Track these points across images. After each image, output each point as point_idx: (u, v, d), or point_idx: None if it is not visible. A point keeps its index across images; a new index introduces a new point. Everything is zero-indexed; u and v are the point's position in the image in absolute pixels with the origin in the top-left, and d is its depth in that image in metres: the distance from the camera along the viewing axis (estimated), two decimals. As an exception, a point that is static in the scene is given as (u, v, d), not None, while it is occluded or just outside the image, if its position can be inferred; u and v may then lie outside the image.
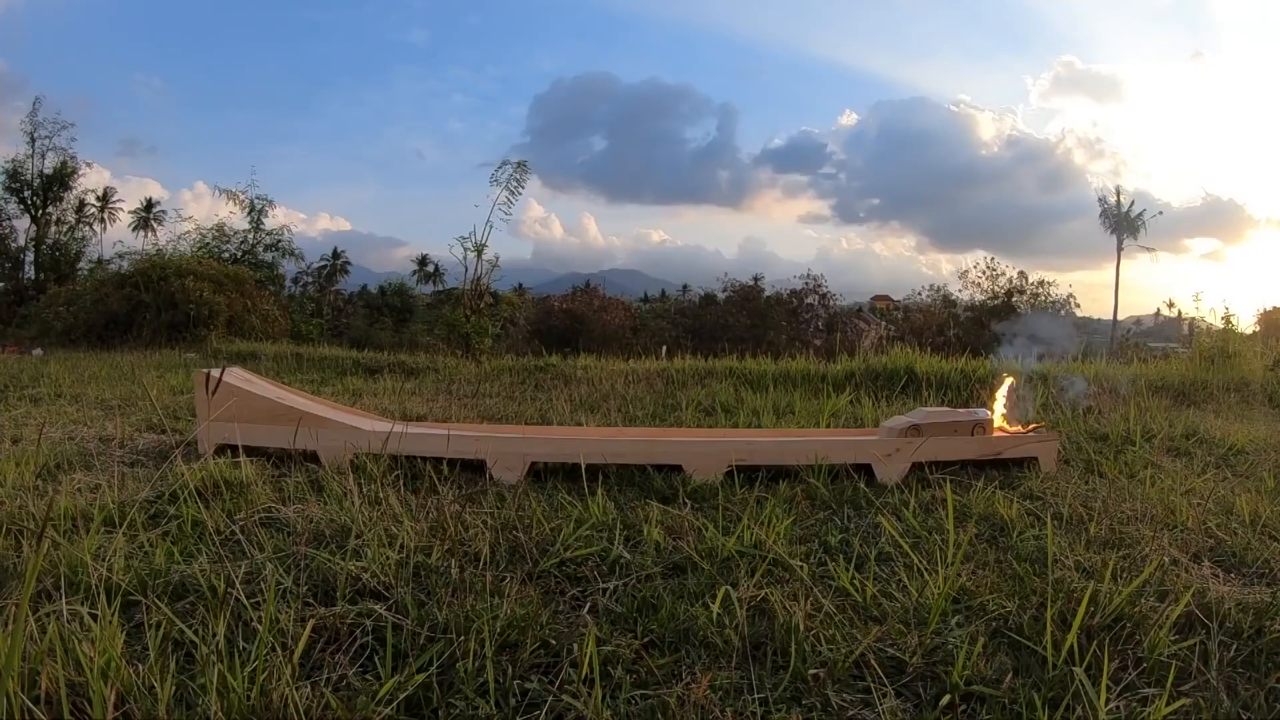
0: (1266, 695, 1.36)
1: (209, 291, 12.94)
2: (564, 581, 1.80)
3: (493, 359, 9.05)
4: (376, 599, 1.62)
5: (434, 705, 1.27)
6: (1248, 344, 8.00)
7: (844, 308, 27.28)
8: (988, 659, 1.44)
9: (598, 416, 4.44)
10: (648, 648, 1.47)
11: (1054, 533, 2.13)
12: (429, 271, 51.60)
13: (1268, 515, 2.39)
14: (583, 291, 27.95)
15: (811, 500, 2.56)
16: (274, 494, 2.40)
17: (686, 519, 2.22)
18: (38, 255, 24.92)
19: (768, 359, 7.42)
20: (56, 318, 13.53)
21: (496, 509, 2.28)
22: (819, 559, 1.97)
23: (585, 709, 1.25)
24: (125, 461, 3.00)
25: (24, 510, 2.15)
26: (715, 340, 18.89)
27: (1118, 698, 1.33)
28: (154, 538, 1.93)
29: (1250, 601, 1.72)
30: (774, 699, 1.31)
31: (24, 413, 4.24)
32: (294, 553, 1.84)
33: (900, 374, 6.05)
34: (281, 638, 1.39)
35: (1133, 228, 36.98)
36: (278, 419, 2.99)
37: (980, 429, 3.09)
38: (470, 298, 11.02)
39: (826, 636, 1.51)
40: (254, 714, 1.20)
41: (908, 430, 2.98)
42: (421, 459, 2.76)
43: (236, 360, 8.19)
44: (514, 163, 11.54)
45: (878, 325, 25.03)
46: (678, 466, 2.82)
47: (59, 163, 25.00)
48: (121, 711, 1.19)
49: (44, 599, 1.53)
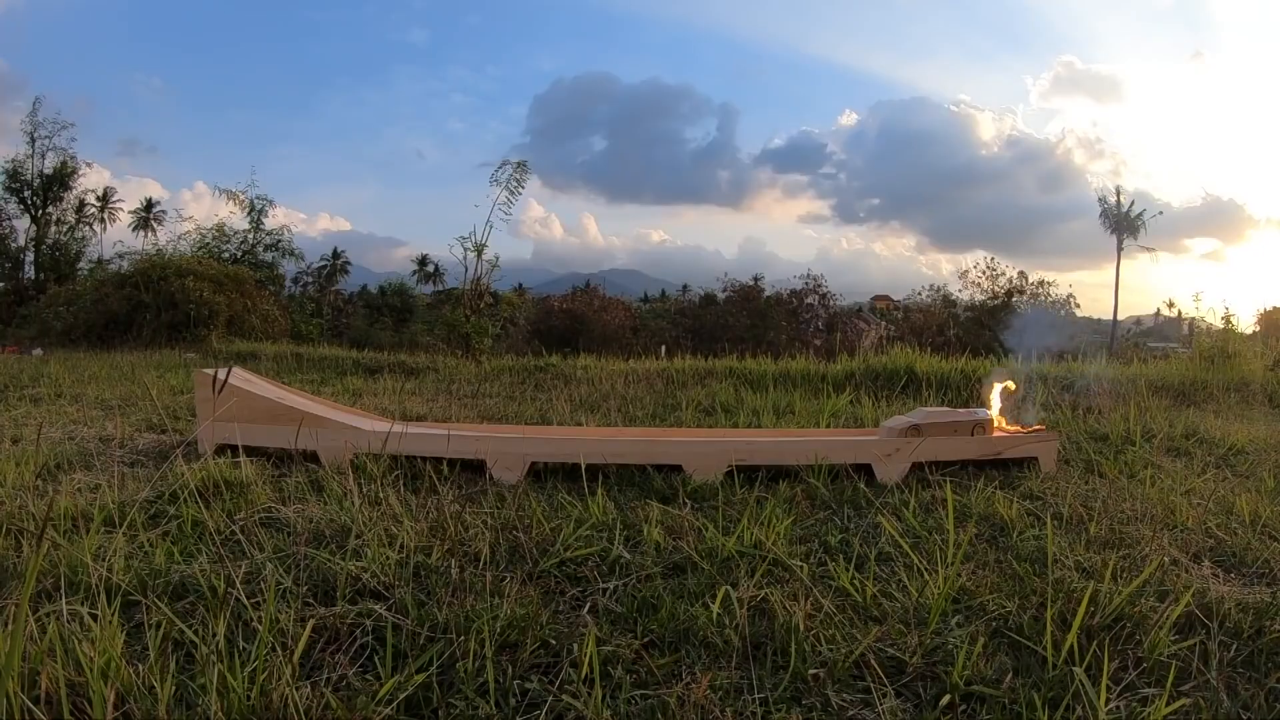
0: (1266, 695, 1.36)
1: (209, 291, 12.94)
2: (564, 581, 1.80)
3: (493, 359, 9.05)
4: (376, 599, 1.62)
5: (434, 705, 1.26)
6: (1248, 344, 8.00)
7: (844, 308, 27.28)
8: (988, 659, 1.44)
9: (598, 416, 4.44)
10: (648, 648, 1.47)
11: (1054, 533, 2.13)
12: (429, 271, 51.63)
13: (1268, 515, 2.39)
14: (583, 291, 27.96)
15: (811, 500, 2.56)
16: (274, 494, 2.40)
17: (686, 519, 2.22)
18: (38, 255, 24.93)
19: (768, 359, 7.42)
20: (56, 318, 13.54)
21: (496, 509, 2.28)
22: (819, 559, 1.97)
23: (585, 709, 1.25)
24: (125, 461, 3.00)
25: (24, 510, 2.15)
26: (715, 340, 18.90)
27: (1118, 698, 1.33)
28: (154, 538, 1.93)
29: (1250, 601, 1.72)
30: (774, 699, 1.31)
31: (24, 413, 4.24)
32: (294, 553, 1.83)
33: (900, 374, 6.05)
34: (281, 638, 1.39)
35: (1133, 228, 36.97)
36: (278, 419, 2.99)
37: (980, 429, 3.09)
38: (470, 298, 11.03)
39: (826, 636, 1.51)
40: (254, 714, 1.20)
41: (908, 430, 2.98)
42: (421, 459, 2.76)
43: (236, 360, 8.20)
44: (514, 163, 11.56)
45: (878, 325, 25.03)
46: (678, 466, 2.82)
47: (59, 163, 25.02)
48: (121, 711, 1.19)
49: (44, 599, 1.53)
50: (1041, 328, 7.76)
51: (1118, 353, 13.61)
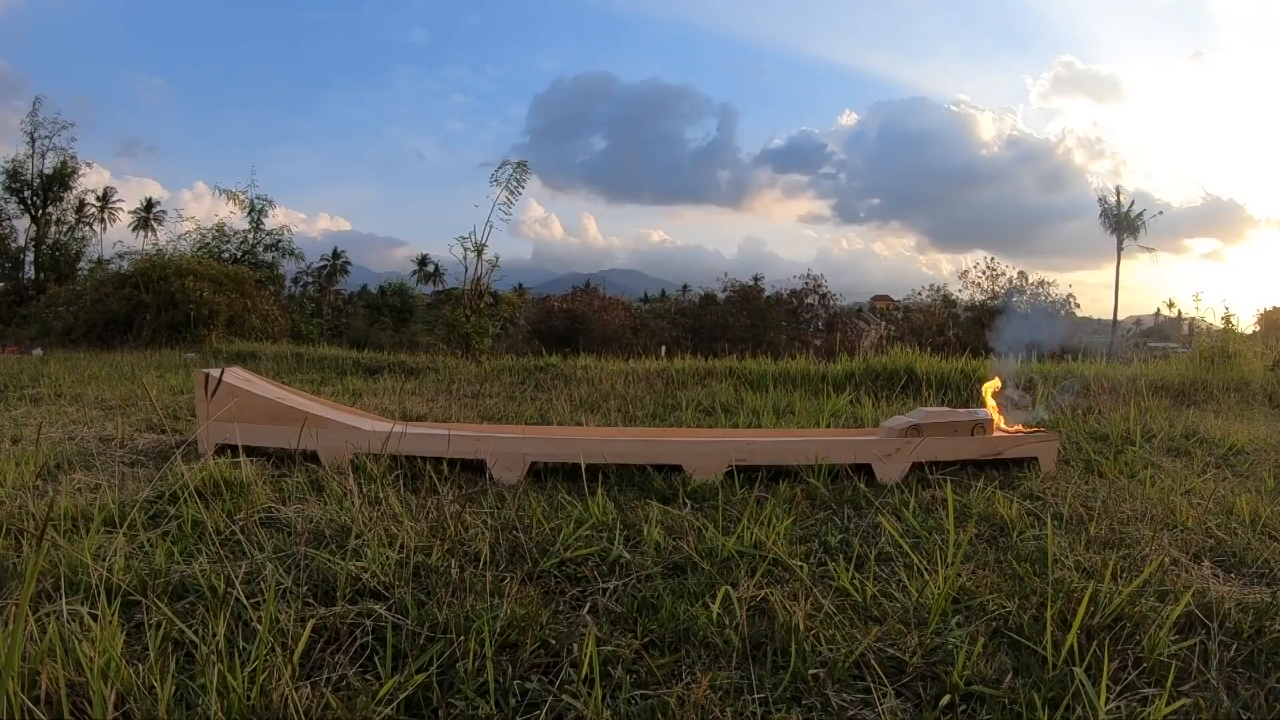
0: (1266, 695, 1.36)
1: (209, 291, 12.94)
2: (564, 581, 1.80)
3: (493, 359, 9.05)
4: (376, 599, 1.62)
5: (434, 705, 1.26)
6: (1248, 344, 8.00)
7: (844, 308, 27.29)
8: (988, 659, 1.44)
9: (598, 416, 4.44)
10: (648, 648, 1.47)
11: (1054, 533, 2.13)
12: (429, 271, 51.61)
13: (1268, 515, 2.39)
14: (583, 291, 27.96)
15: (811, 500, 2.56)
16: (274, 494, 2.40)
17: (686, 519, 2.22)
18: (38, 255, 24.93)
19: (768, 359, 7.43)
20: (56, 318, 13.54)
21: (496, 509, 2.28)
22: (819, 559, 1.97)
23: (585, 709, 1.25)
24: (125, 461, 3.00)
25: (24, 510, 2.15)
26: (715, 340, 18.90)
27: (1118, 698, 1.33)
28: (154, 538, 1.93)
29: (1250, 601, 1.71)
30: (774, 699, 1.31)
31: (24, 413, 4.24)
32: (294, 553, 1.83)
33: (900, 374, 6.05)
34: (281, 638, 1.39)
35: (1133, 228, 36.98)
36: (278, 419, 2.99)
37: (980, 429, 3.09)
38: (470, 298, 11.03)
39: (826, 636, 1.51)
40: (254, 714, 1.20)
41: (908, 430, 2.98)
42: (421, 459, 2.77)
43: (236, 360, 8.20)
44: (514, 163, 11.57)
45: (878, 325, 25.04)
46: (678, 466, 2.82)
47: (59, 163, 25.02)
48: (121, 711, 1.19)
49: (44, 599, 1.53)
50: (1034, 324, 7.75)
51: (1118, 353, 13.61)
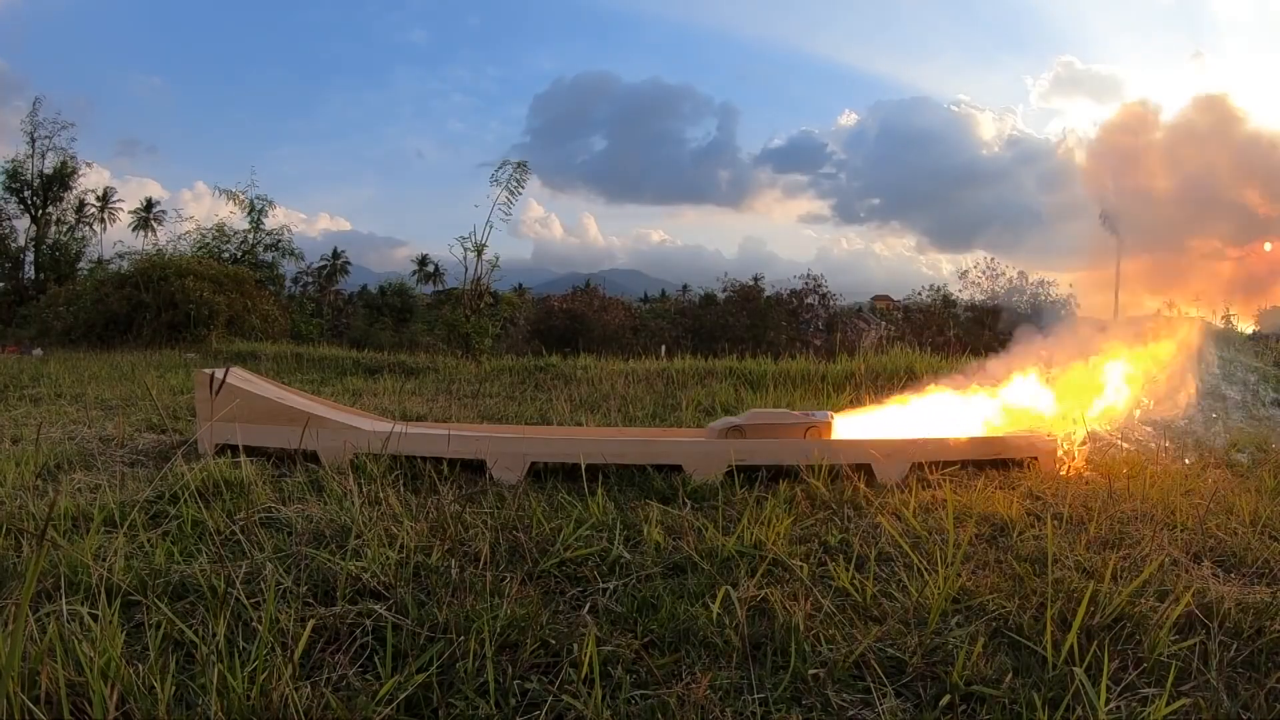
0: (1266, 695, 1.36)
1: (209, 291, 12.93)
2: (564, 581, 1.80)
3: (493, 359, 9.05)
4: (376, 599, 1.62)
5: (434, 705, 1.27)
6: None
7: (844, 308, 27.25)
8: (988, 659, 1.44)
9: (598, 416, 4.44)
10: (648, 648, 1.47)
11: (1054, 533, 2.12)
12: (429, 271, 51.56)
13: (1268, 515, 2.39)
14: (583, 291, 27.94)
15: (811, 500, 2.56)
16: (274, 494, 2.40)
17: (686, 519, 2.22)
18: (38, 255, 24.91)
19: (768, 359, 7.42)
20: (56, 318, 13.53)
21: (496, 509, 2.28)
22: (819, 559, 1.97)
23: (585, 709, 1.25)
24: (125, 461, 3.00)
25: (24, 510, 2.15)
26: (715, 340, 18.87)
27: (1118, 698, 1.33)
28: (154, 538, 1.93)
29: (1250, 601, 1.71)
30: (774, 699, 1.31)
31: (24, 413, 4.24)
32: (294, 553, 1.84)
33: (900, 374, 6.05)
34: (281, 638, 1.39)
35: (1133, 228, 36.94)
36: (278, 419, 2.99)
37: (815, 431, 3.06)
38: (470, 298, 11.02)
39: (826, 636, 1.51)
40: (254, 714, 1.20)
41: (728, 431, 2.99)
42: (421, 459, 2.77)
43: (236, 360, 8.19)
44: (514, 163, 11.53)
45: (878, 325, 25.02)
46: (678, 466, 2.82)
47: (59, 163, 24.98)
48: (121, 711, 1.19)
49: (44, 599, 1.53)
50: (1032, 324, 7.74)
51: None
